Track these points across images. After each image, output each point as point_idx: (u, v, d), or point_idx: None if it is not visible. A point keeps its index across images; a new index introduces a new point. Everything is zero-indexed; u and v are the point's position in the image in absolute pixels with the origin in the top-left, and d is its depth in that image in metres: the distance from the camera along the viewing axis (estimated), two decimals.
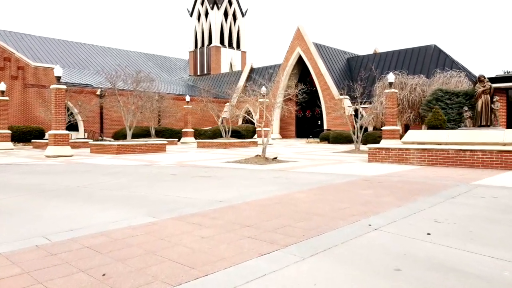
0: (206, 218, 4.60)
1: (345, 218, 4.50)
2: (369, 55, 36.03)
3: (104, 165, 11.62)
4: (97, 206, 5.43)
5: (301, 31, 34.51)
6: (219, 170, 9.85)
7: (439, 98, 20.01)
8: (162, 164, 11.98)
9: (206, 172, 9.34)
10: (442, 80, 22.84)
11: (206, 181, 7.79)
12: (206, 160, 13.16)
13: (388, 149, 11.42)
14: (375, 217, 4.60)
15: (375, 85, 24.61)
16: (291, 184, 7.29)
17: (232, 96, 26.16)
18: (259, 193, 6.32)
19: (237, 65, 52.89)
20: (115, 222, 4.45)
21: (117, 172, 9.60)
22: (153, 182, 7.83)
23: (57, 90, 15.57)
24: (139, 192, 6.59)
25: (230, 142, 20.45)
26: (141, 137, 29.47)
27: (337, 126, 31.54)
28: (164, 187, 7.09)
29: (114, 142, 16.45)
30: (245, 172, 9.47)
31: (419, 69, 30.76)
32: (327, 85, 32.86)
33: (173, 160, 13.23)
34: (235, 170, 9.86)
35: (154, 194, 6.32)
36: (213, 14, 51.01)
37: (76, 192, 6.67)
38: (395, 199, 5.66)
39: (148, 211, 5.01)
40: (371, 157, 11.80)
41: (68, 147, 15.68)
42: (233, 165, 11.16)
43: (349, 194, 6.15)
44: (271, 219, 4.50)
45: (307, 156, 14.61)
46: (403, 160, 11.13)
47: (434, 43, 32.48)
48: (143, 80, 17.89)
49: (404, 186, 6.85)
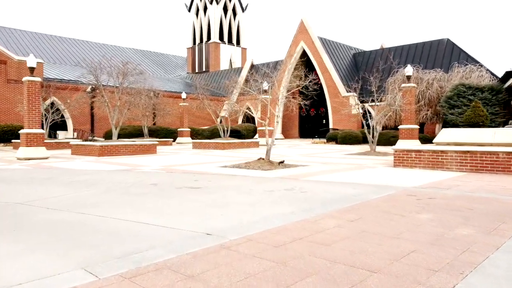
0: (178, 277, 2.60)
1: (423, 280, 2.50)
2: (377, 50, 34.01)
3: (75, 171, 9.61)
4: (11, 245, 3.42)
5: (305, 24, 32.50)
6: (213, 178, 7.85)
7: (461, 94, 18.00)
8: (146, 169, 9.97)
9: (197, 181, 7.34)
10: (462, 75, 20.81)
11: (193, 196, 5.79)
12: (200, 164, 11.16)
13: (420, 151, 9.41)
14: (476, 275, 2.61)
15: (387, 80, 22.58)
16: (311, 200, 5.29)
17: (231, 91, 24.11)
18: (268, 217, 4.32)
19: (236, 62, 50.87)
20: None
21: (84, 181, 7.59)
22: (122, 196, 5.82)
23: (30, 83, 13.58)
24: (94, 214, 4.58)
25: (228, 143, 18.45)
26: (134, 136, 27.49)
27: (344, 125, 29.54)
28: (133, 205, 5.09)
29: (97, 143, 14.45)
30: (247, 181, 7.46)
31: (431, 65, 28.74)
32: (333, 82, 30.84)
33: (160, 164, 11.23)
34: (234, 178, 7.86)
35: (113, 220, 4.32)
36: (212, 9, 48.99)
37: (5, 214, 4.66)
38: (479, 232, 3.67)
39: (85, 260, 3.00)
40: (397, 160, 9.79)
41: (43, 148, 13.67)
42: (232, 171, 9.16)
43: (401, 221, 4.14)
44: (291, 283, 2.50)
45: (317, 159, 12.61)
46: (438, 165, 9.13)
47: (446, 37, 30.51)
48: (131, 73, 15.85)
49: (472, 206, 4.85)
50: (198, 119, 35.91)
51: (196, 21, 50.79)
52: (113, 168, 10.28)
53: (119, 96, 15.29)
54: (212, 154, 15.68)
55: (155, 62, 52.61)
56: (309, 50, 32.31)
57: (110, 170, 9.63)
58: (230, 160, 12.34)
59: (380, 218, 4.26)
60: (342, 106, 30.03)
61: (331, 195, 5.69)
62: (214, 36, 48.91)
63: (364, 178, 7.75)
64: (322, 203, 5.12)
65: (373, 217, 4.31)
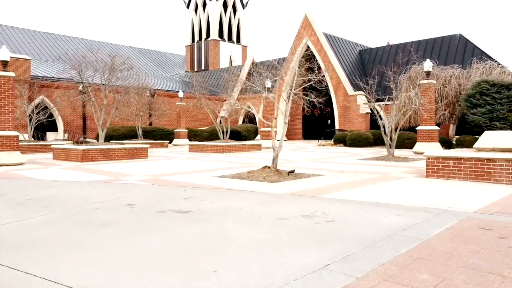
0: None
1: None
2: (384, 47, 32.37)
3: (43, 182, 7.96)
4: None
5: (309, 19, 30.84)
6: (208, 195, 6.20)
7: (484, 91, 16.34)
8: (129, 180, 8.32)
9: (186, 200, 5.69)
10: (481, 71, 19.16)
11: (178, 228, 4.14)
12: (194, 173, 9.51)
13: (459, 159, 7.76)
14: None
15: (399, 77, 20.88)
16: (344, 238, 3.64)
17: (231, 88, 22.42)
18: (289, 279, 2.67)
19: (237, 60, 49.19)
20: None
21: (44, 198, 5.93)
22: (78, 228, 4.18)
23: (2, 78, 11.94)
24: (17, 267, 2.93)
25: (228, 146, 16.79)
26: (128, 138, 25.85)
27: (351, 125, 27.89)
28: (86, 249, 3.44)
29: (79, 147, 12.80)
30: (251, 199, 5.81)
31: (443, 61, 27.09)
32: (339, 80, 29.18)
33: (148, 173, 9.58)
34: (234, 195, 6.20)
35: (38, 284, 2.66)
36: (211, 5, 47.31)
37: None
38: None
39: None
40: (431, 170, 8.14)
41: (17, 153, 12.01)
42: (231, 183, 7.51)
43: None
44: None
45: (330, 166, 10.97)
46: (483, 177, 7.47)
47: (458, 33, 28.87)
48: (119, 68, 14.17)
49: None
50: (196, 120, 34.28)
51: (195, 17, 49.12)
52: (91, 178, 8.64)
53: (105, 94, 13.62)
54: (210, 158, 14.03)
55: (153, 61, 50.99)
56: (314, 46, 30.66)
57: (86, 182, 7.98)
58: (230, 167, 10.70)
59: (471, 282, 2.61)
60: (350, 105, 28.41)
61: (371, 229, 4.04)
62: (213, 33, 47.24)
63: (399, 195, 6.10)
64: (363, 245, 3.47)
65: (459, 280, 2.66)
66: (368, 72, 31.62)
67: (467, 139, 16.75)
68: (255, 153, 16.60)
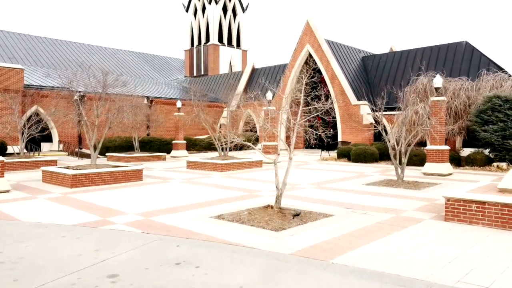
0: None
1: None
2: (388, 54, 31.61)
3: (21, 226, 7.18)
4: None
5: (311, 25, 30.10)
6: (203, 256, 5.44)
7: (496, 107, 15.56)
8: (117, 222, 7.56)
9: (178, 266, 4.93)
10: (491, 84, 18.39)
11: None
12: (190, 209, 8.76)
13: (484, 203, 7.00)
14: None
15: (405, 89, 20.13)
16: None
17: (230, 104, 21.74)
18: None
19: (237, 65, 48.45)
20: None
21: (11, 261, 5.15)
22: None
23: None
24: None
25: (227, 164, 16.09)
26: (124, 149, 25.15)
27: (355, 137, 27.15)
28: None
29: (69, 172, 12.03)
30: (253, 273, 5.05)
31: (448, 70, 26.36)
32: (342, 89, 28.42)
33: (139, 209, 8.83)
34: (234, 259, 5.44)
35: None
36: (211, 9, 46.57)
37: None
38: None
39: None
40: (450, 213, 7.38)
41: (2, 180, 11.25)
42: (230, 230, 6.76)
43: None
44: None
45: (336, 196, 10.23)
46: (510, 224, 6.72)
47: (464, 40, 28.10)
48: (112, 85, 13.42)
49: None
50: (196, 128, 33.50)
51: (194, 22, 48.38)
52: (77, 217, 7.88)
53: (97, 114, 12.86)
54: (208, 181, 13.29)
55: (152, 65, 50.27)
56: (315, 54, 29.92)
57: (70, 226, 7.22)
58: (229, 197, 9.97)
59: None
60: (353, 115, 27.69)
61: None
62: (213, 37, 46.50)
63: (420, 258, 5.35)
64: None
65: None
66: (371, 79, 30.91)
67: (478, 157, 15.98)
68: (256, 172, 15.86)
